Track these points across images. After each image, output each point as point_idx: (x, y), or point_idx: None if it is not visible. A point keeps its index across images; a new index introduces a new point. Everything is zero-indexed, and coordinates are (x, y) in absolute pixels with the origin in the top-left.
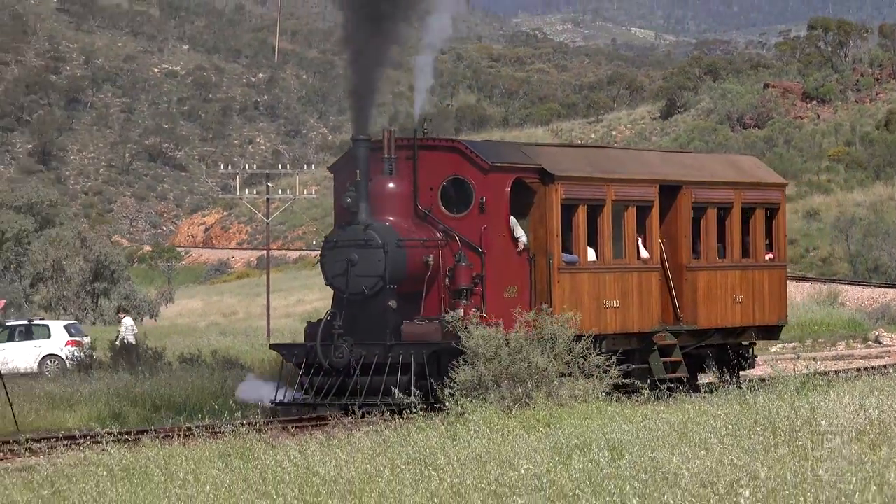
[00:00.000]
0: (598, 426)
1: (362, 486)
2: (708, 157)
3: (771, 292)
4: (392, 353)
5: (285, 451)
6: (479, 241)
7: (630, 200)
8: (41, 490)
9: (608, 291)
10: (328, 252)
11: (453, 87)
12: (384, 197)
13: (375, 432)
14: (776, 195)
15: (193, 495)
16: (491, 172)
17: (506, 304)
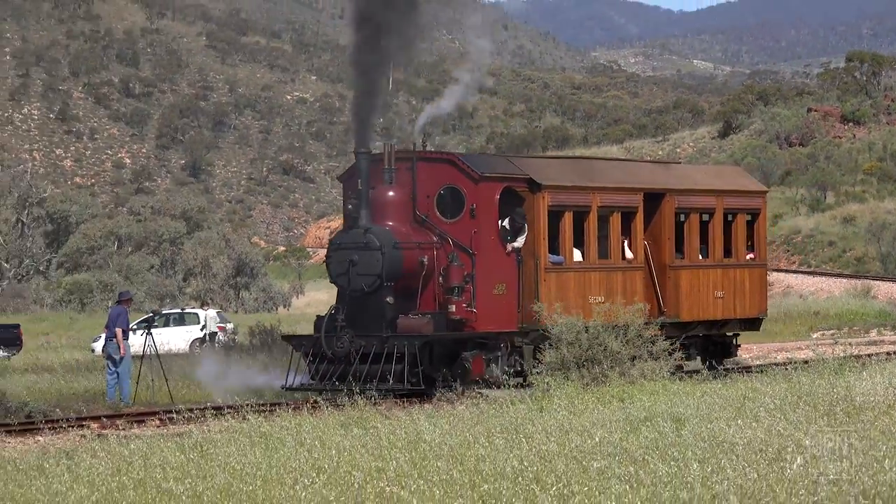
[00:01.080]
0: (663, 401)
1: (463, 451)
2: (693, 168)
3: (752, 289)
4: (388, 344)
5: (398, 421)
6: (470, 243)
7: (615, 206)
8: (191, 453)
9: (593, 288)
10: (332, 253)
11: (541, 111)
12: (384, 204)
13: (474, 405)
14: (757, 201)
15: (320, 458)
16: (481, 182)
17: (495, 300)
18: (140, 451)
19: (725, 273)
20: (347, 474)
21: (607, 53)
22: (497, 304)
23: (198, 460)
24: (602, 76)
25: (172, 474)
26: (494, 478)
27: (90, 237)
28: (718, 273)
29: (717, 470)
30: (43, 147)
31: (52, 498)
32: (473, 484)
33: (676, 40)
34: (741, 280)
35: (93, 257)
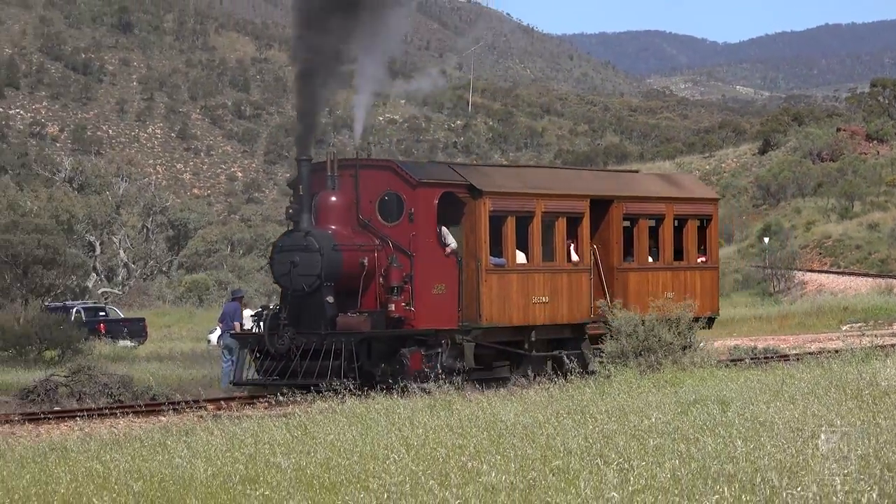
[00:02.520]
0: (710, 386)
1: (535, 430)
2: (646, 176)
3: (703, 290)
4: (326, 341)
5: (477, 404)
6: (409, 245)
7: (560, 212)
8: (296, 431)
9: (537, 289)
10: (276, 255)
11: (602, 131)
12: (327, 209)
13: (544, 389)
14: (708, 208)
15: (409, 436)
16: (418, 187)
17: (434, 299)
18: (251, 429)
19: (675, 275)
20: (433, 450)
21: (660, 80)
22: (436, 303)
23: (301, 437)
24: (656, 100)
25: (279, 450)
26: (563, 454)
27: (207, 241)
28: (668, 275)
29: (758, 446)
30: (165, 162)
31: (173, 471)
32: (545, 459)
33: (721, 68)
34: (692, 282)
35: (209, 259)
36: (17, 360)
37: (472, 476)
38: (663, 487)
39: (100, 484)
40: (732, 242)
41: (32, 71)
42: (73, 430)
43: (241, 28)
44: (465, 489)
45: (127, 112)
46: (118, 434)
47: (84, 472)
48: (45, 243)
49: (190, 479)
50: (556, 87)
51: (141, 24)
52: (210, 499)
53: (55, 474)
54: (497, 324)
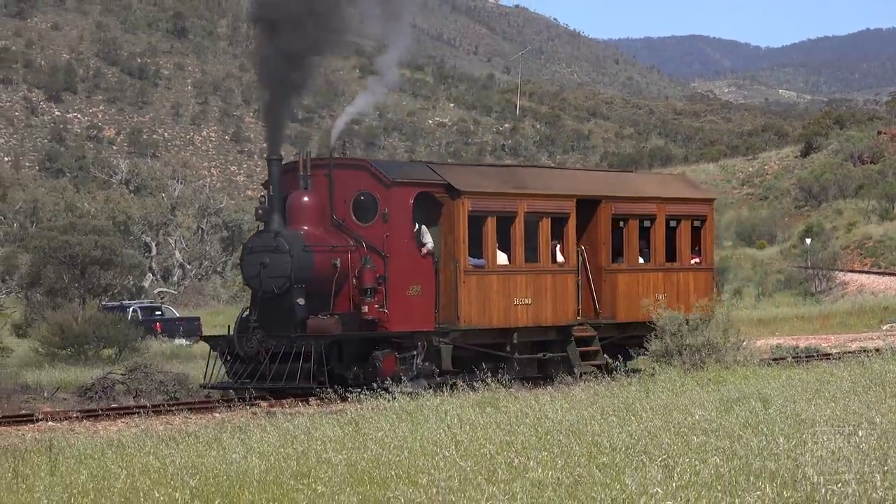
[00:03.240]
0: (752, 384)
1: (580, 427)
2: (637, 176)
3: (696, 291)
4: (296, 344)
5: (524, 402)
6: (383, 246)
7: (544, 212)
8: (347, 427)
9: (519, 291)
10: (246, 256)
11: (647, 133)
12: (299, 209)
13: (590, 388)
14: (703, 208)
15: (458, 433)
16: (393, 187)
17: (409, 300)
18: (303, 426)
19: (667, 276)
20: (481, 447)
21: (704, 84)
22: (411, 304)
23: (353, 434)
24: (700, 104)
25: (331, 446)
26: (609, 450)
27: None
28: (659, 276)
29: (799, 443)
30: (219, 164)
31: (228, 466)
32: (591, 455)
33: (764, 73)
34: (685, 283)
35: None
36: (76, 358)
37: (519, 472)
38: (706, 484)
39: (156, 479)
40: (775, 243)
41: (89, 76)
42: (130, 427)
43: None
44: (512, 485)
45: (182, 115)
46: (174, 430)
47: (140, 467)
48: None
49: (244, 475)
50: (602, 91)
51: (195, 30)
52: (263, 494)
53: (112, 470)
54: (476, 326)
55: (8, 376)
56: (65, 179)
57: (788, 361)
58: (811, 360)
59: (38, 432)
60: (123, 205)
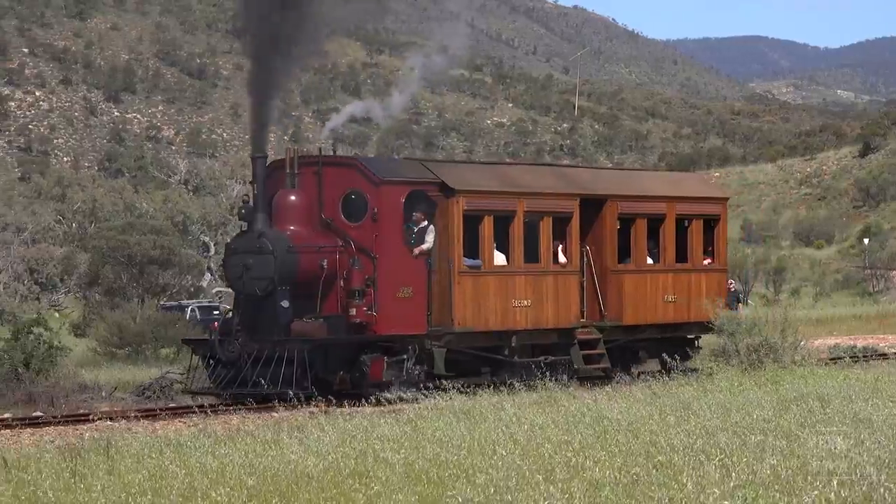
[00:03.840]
0: (810, 384)
1: (638, 427)
2: (644, 174)
3: (709, 293)
4: (279, 348)
5: (582, 401)
6: (372, 246)
7: (545, 212)
8: (405, 427)
9: (518, 292)
10: (228, 257)
11: (705, 133)
12: (286, 208)
13: (647, 387)
14: (716, 208)
15: (516, 432)
16: (382, 186)
17: (399, 303)
18: (361, 425)
19: (677, 277)
20: (539, 446)
21: (763, 84)
22: (401, 307)
23: (410, 433)
24: (758, 104)
25: (389, 445)
26: (666, 450)
27: None
28: (669, 277)
29: (857, 443)
30: None
31: (286, 466)
32: (649, 454)
33: (822, 73)
34: (697, 284)
35: None
36: (134, 358)
37: (576, 471)
38: (764, 483)
39: (214, 478)
40: (833, 243)
41: (149, 76)
42: (188, 426)
43: (352, 34)
44: (569, 484)
45: (241, 116)
46: (231, 430)
47: (199, 466)
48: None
49: (302, 474)
50: (660, 91)
51: None
52: (321, 493)
53: (170, 469)
54: (471, 328)
55: (66, 376)
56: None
57: (846, 361)
58: (869, 360)
59: (97, 431)
60: (182, 205)
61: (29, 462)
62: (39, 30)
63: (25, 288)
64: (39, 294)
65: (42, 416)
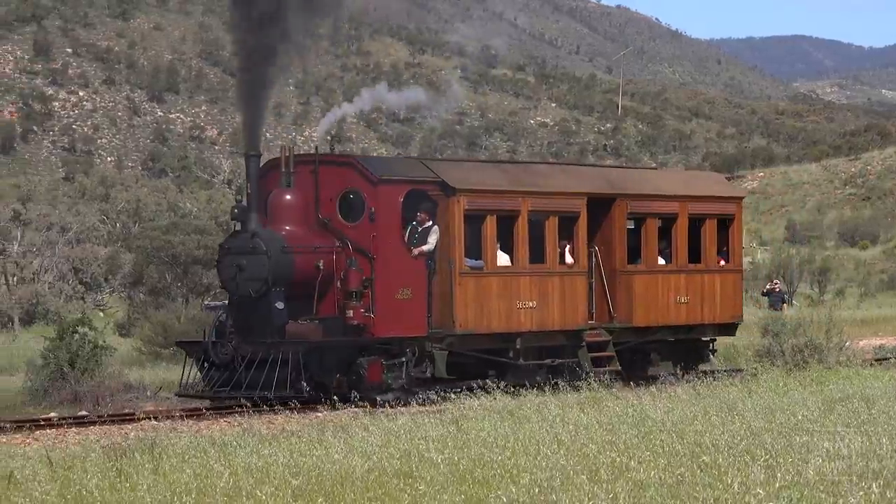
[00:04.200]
0: (855, 384)
1: (683, 427)
2: (656, 173)
3: (724, 294)
4: (273, 350)
5: (626, 401)
6: (370, 247)
7: (551, 211)
8: (450, 427)
9: (523, 293)
10: (222, 258)
11: (749, 133)
12: (281, 207)
13: (692, 388)
14: (731, 207)
15: (560, 432)
16: (379, 185)
17: (398, 305)
18: (406, 425)
19: (690, 278)
20: (583, 446)
21: (807, 84)
22: (400, 308)
23: (455, 433)
24: (802, 104)
25: (433, 445)
26: (711, 450)
27: None
28: (681, 278)
29: None
30: None
31: (331, 466)
32: (693, 455)
33: (867, 73)
34: (710, 285)
35: None
36: (178, 357)
37: (621, 471)
38: (809, 484)
39: (259, 478)
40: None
41: (192, 76)
42: (233, 426)
43: (395, 33)
44: (614, 485)
45: (284, 116)
46: (276, 429)
47: (243, 466)
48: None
49: (346, 474)
50: (704, 91)
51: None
52: (366, 493)
53: (215, 469)
54: (473, 331)
55: (111, 375)
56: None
57: (891, 362)
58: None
59: (141, 431)
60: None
61: (75, 461)
62: (83, 30)
63: (70, 288)
64: (84, 294)
65: (87, 416)
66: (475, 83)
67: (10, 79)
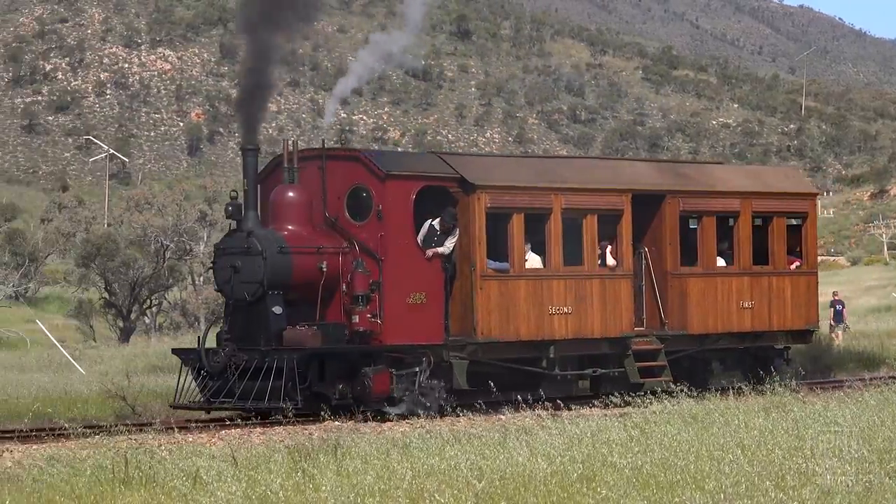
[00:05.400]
0: None
1: (871, 433)
2: (714, 168)
3: (795, 298)
4: (268, 358)
5: (811, 406)
6: (377, 247)
7: (588, 209)
8: (633, 431)
9: (556, 298)
10: (217, 259)
11: None
12: (283, 205)
13: (879, 393)
14: (803, 204)
15: (744, 437)
16: (387, 181)
17: (409, 309)
18: (589, 429)
19: (756, 281)
20: (769, 452)
21: None
22: (412, 314)
23: (638, 438)
24: None
25: (616, 449)
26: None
27: None
28: (745, 281)
29: None
30: None
31: (513, 468)
32: (882, 461)
33: None
34: (780, 289)
35: None
36: None
37: (807, 478)
38: None
39: (441, 480)
40: None
41: (375, 78)
42: (415, 428)
43: (576, 34)
44: (800, 491)
45: (465, 117)
46: (458, 432)
47: (426, 468)
48: None
49: (529, 478)
50: (889, 91)
51: (479, 32)
52: (549, 497)
53: (398, 471)
54: (497, 338)
55: None
56: None
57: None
58: None
59: (324, 432)
60: None
61: (259, 462)
62: None
63: None
64: None
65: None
66: (656, 84)
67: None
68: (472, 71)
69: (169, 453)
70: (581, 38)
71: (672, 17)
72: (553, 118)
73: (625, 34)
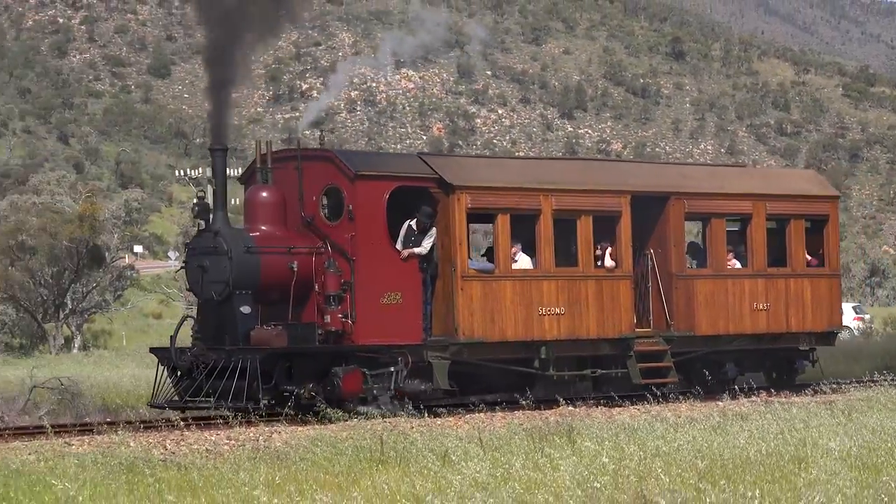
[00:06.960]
0: None
1: None
2: (729, 170)
3: (816, 300)
4: (234, 358)
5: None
6: (349, 247)
7: (582, 210)
8: (839, 416)
9: (547, 299)
10: (189, 259)
11: None
12: (256, 205)
13: None
14: (823, 207)
15: None
16: (357, 181)
17: (384, 310)
18: (800, 415)
19: (771, 283)
20: None
21: None
22: (387, 314)
23: (845, 423)
24: None
25: (826, 433)
26: None
27: None
28: (759, 283)
29: None
30: None
31: (732, 450)
32: None
33: None
34: (798, 291)
35: None
36: None
37: None
38: None
39: (667, 460)
40: None
41: (598, 95)
42: (642, 413)
43: (781, 54)
44: None
45: (681, 131)
46: (681, 417)
47: (653, 449)
48: None
49: (746, 459)
50: None
51: (692, 53)
52: (765, 476)
53: (627, 451)
54: (481, 339)
55: None
56: None
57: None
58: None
59: (559, 417)
60: None
61: (501, 443)
62: (500, 55)
63: None
64: None
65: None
66: (856, 100)
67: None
68: (686, 88)
69: (420, 435)
70: (786, 58)
71: (869, 39)
72: (761, 131)
73: (825, 54)
